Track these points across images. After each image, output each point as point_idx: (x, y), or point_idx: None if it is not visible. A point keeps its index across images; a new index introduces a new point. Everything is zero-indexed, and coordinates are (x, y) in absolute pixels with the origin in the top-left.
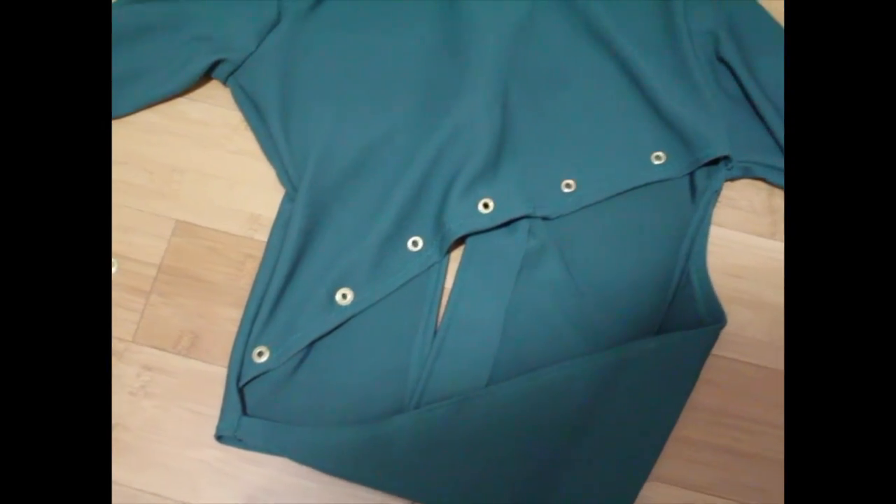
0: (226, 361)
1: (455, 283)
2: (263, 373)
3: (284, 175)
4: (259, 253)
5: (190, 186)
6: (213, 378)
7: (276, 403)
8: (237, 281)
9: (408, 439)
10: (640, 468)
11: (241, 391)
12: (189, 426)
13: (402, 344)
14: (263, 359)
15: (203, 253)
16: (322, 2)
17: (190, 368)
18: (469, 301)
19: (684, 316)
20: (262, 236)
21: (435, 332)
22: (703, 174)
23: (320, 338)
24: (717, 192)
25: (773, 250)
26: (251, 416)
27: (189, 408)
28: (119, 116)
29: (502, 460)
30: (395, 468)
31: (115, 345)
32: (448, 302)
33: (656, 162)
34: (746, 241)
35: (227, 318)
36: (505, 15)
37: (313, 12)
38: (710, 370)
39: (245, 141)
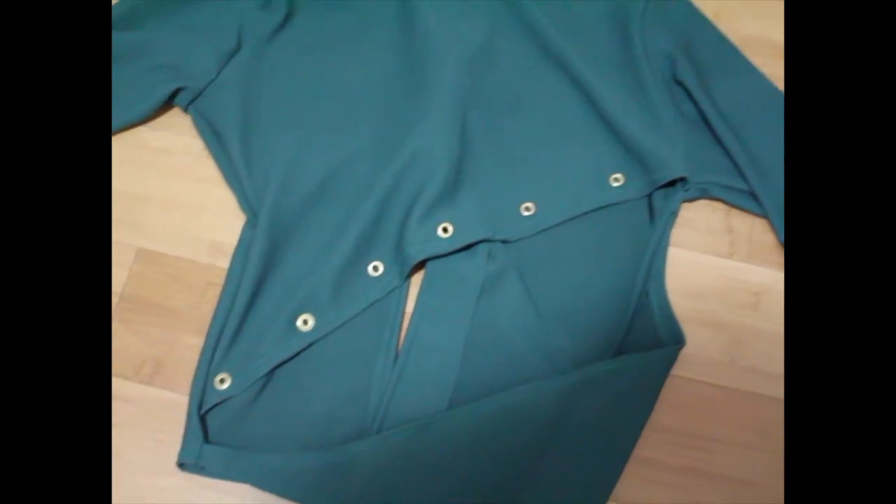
0: (188, 389)
1: (415, 308)
2: (225, 399)
3: (245, 202)
4: (221, 280)
5: (152, 214)
6: (175, 405)
7: (238, 430)
8: (199, 308)
9: (369, 464)
10: (601, 489)
11: (202, 418)
12: (151, 454)
13: (363, 369)
14: (225, 385)
15: (165, 280)
16: (282, 29)
17: (152, 396)
18: (430, 325)
19: (643, 337)
20: (224, 263)
21: (396, 357)
22: (660, 195)
23: (282, 364)
24: (675, 213)
25: (731, 270)
26: (213, 443)
27: (151, 436)
28: None
29: (464, 484)
30: (357, 493)
31: None
32: (409, 326)
33: (615, 184)
34: (704, 262)
35: (190, 346)
36: (463, 40)
37: (273, 40)
38: (669, 390)
39: (207, 168)
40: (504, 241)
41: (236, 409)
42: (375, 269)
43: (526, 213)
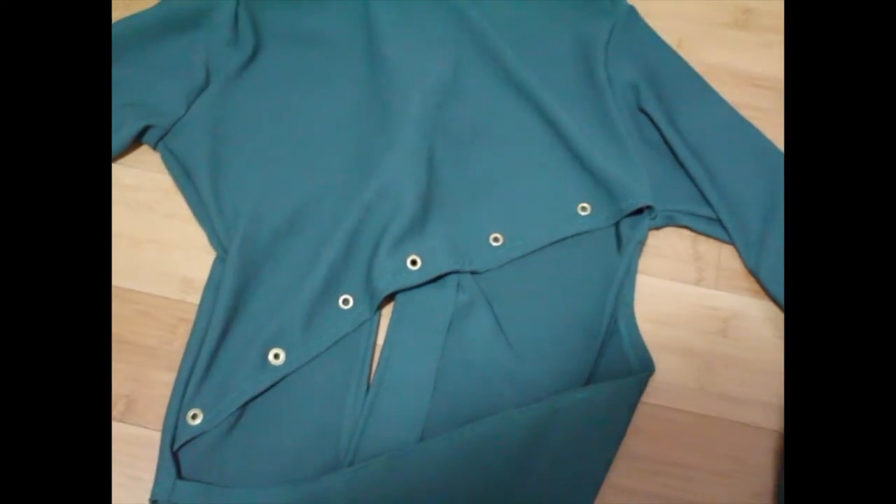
0: (160, 425)
1: (386, 340)
2: (198, 435)
3: (215, 237)
4: (192, 316)
5: (122, 251)
6: (147, 442)
7: (210, 466)
8: (170, 345)
9: (342, 497)
10: None
11: (175, 454)
12: (124, 492)
13: (334, 402)
14: (197, 421)
15: (136, 317)
16: (249, 66)
17: (125, 434)
18: (400, 357)
19: (614, 364)
20: (195, 299)
21: (367, 389)
22: (627, 224)
23: (253, 398)
24: (642, 242)
25: (698, 297)
26: (186, 479)
27: (125, 473)
28: None
29: None
30: None
31: None
32: (379, 358)
33: (582, 213)
34: (672, 289)
35: (162, 382)
36: (429, 72)
37: (241, 75)
38: (640, 418)
39: (177, 205)
40: (473, 272)
41: (209, 445)
42: (346, 302)
43: (494, 244)
